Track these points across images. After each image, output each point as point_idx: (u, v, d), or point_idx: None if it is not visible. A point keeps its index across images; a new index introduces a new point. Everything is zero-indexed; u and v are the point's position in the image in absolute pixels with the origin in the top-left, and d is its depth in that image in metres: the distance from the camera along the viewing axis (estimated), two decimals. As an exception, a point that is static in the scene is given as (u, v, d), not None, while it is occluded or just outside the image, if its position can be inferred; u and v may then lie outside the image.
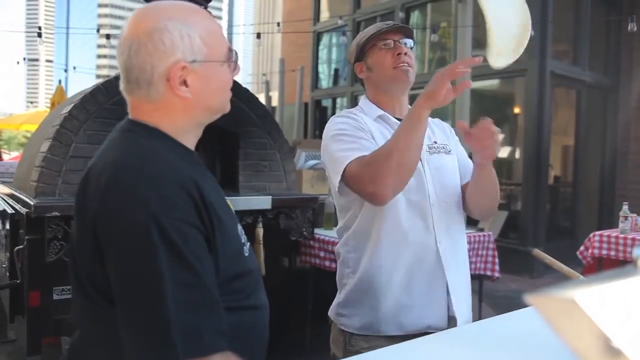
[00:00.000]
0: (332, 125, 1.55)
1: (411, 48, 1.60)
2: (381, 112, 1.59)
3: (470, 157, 1.66)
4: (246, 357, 0.93)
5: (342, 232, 1.61)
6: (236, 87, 3.53)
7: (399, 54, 1.55)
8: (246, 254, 1.05)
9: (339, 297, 1.60)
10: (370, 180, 1.37)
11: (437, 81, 1.34)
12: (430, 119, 1.67)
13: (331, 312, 1.62)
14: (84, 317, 1.00)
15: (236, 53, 1.07)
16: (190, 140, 1.05)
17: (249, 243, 1.08)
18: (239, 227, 1.07)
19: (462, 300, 1.56)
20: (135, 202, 0.87)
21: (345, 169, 1.43)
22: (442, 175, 1.57)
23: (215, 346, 0.87)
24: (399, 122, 1.52)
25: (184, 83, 0.97)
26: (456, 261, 1.56)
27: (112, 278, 0.89)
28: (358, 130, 1.50)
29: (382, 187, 1.37)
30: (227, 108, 1.08)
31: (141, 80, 0.97)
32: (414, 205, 1.51)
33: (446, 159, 1.61)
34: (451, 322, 1.52)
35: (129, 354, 0.87)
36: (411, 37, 1.62)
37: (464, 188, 1.63)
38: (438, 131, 1.68)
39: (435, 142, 1.62)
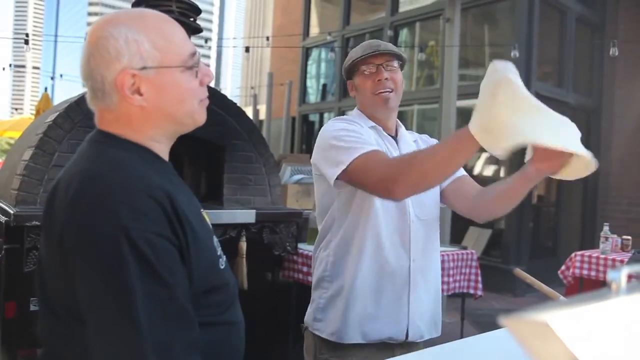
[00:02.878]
0: (333, 126, 1.54)
1: (401, 66, 1.62)
2: (373, 124, 1.62)
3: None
4: None
5: (323, 236, 1.62)
6: (223, 100, 3.53)
7: (379, 80, 1.57)
8: (222, 267, 1.02)
9: (317, 301, 1.60)
10: (392, 179, 1.28)
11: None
12: (419, 135, 1.74)
13: (308, 318, 1.64)
14: (50, 333, 0.96)
15: (198, 57, 0.99)
16: (162, 150, 1.00)
17: (225, 256, 1.06)
18: (215, 239, 1.05)
19: (423, 317, 1.59)
20: (103, 214, 0.85)
21: (351, 162, 1.39)
22: (424, 194, 1.55)
23: (188, 358, 0.86)
24: (388, 136, 1.61)
25: (138, 91, 0.93)
26: (425, 280, 1.60)
27: (80, 292, 0.86)
28: (359, 133, 1.50)
29: (402, 186, 1.28)
30: (199, 118, 1.01)
31: (96, 90, 0.95)
32: (395, 221, 1.55)
33: None
34: (407, 336, 1.57)
35: None
36: (399, 58, 1.62)
37: (455, 191, 1.62)
38: (424, 146, 1.68)
39: None
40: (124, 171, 0.91)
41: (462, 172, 1.64)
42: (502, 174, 7.46)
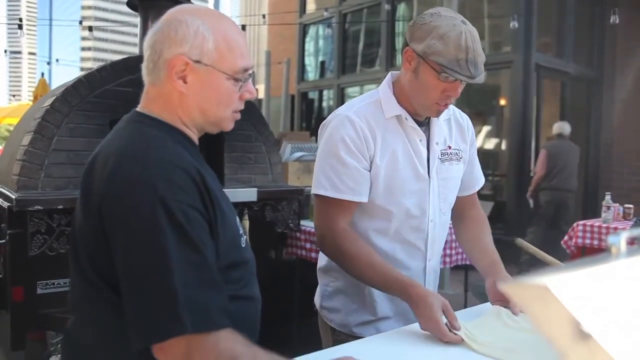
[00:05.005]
0: (336, 136, 1.42)
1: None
2: (399, 111, 1.45)
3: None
4: None
5: None
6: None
7: (449, 95, 1.37)
8: (243, 245, 1.08)
9: (324, 288, 1.59)
10: (322, 242, 1.46)
11: (432, 325, 1.24)
12: (453, 109, 1.59)
13: (316, 301, 1.63)
14: (81, 300, 1.02)
15: (250, 76, 1.06)
16: (191, 135, 1.07)
17: (246, 235, 1.11)
18: (237, 218, 1.10)
19: None
20: (142, 186, 0.90)
21: (323, 194, 1.43)
22: (447, 188, 1.53)
23: (222, 323, 0.90)
24: (415, 127, 1.46)
25: (184, 79, 1.00)
26: (434, 277, 1.59)
27: (118, 259, 0.91)
28: (353, 156, 1.41)
29: (325, 251, 1.48)
30: (226, 125, 1.08)
31: (150, 60, 1.02)
32: (411, 222, 1.48)
33: (455, 169, 1.54)
34: None
35: (135, 330, 0.89)
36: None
37: (464, 201, 1.64)
38: (456, 131, 1.57)
39: (450, 147, 1.53)
40: (159, 148, 0.96)
41: (479, 184, 1.68)
42: (503, 147, 7.44)
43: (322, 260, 1.59)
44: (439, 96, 1.37)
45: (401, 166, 1.44)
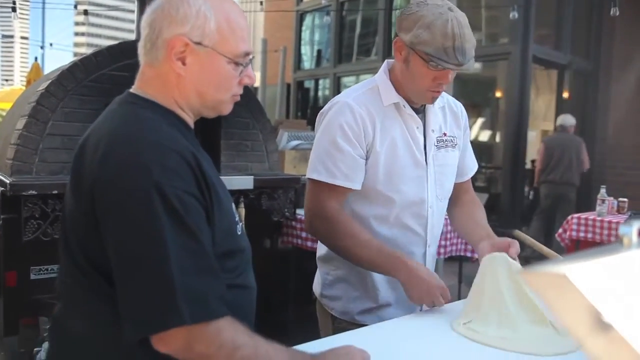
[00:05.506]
0: (334, 123, 1.42)
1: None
2: (397, 99, 1.46)
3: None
4: None
5: None
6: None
7: (440, 83, 1.39)
8: (239, 233, 1.05)
9: (324, 277, 1.58)
10: (312, 225, 1.47)
11: (423, 293, 1.33)
12: (447, 97, 1.61)
13: (316, 289, 1.63)
14: (72, 287, 0.99)
15: (251, 61, 1.04)
16: (186, 119, 1.03)
17: (242, 223, 1.08)
18: (233, 205, 1.07)
19: None
20: (136, 170, 0.87)
21: (312, 179, 1.44)
22: (444, 174, 1.54)
23: (221, 311, 0.88)
24: (413, 114, 1.47)
25: (182, 60, 0.96)
26: (433, 263, 1.60)
27: (110, 246, 0.88)
28: (349, 143, 1.41)
29: (316, 234, 1.48)
30: (224, 109, 1.05)
31: (147, 40, 0.98)
32: (411, 208, 1.49)
33: (450, 155, 1.56)
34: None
35: (128, 320, 0.86)
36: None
37: (458, 187, 1.64)
38: (451, 119, 1.59)
39: (445, 134, 1.54)
40: (153, 131, 0.93)
41: (472, 171, 1.68)
42: (497, 139, 7.45)
43: (322, 249, 1.59)
44: (430, 84, 1.38)
45: (400, 152, 1.45)
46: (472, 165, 1.69)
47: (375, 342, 1.09)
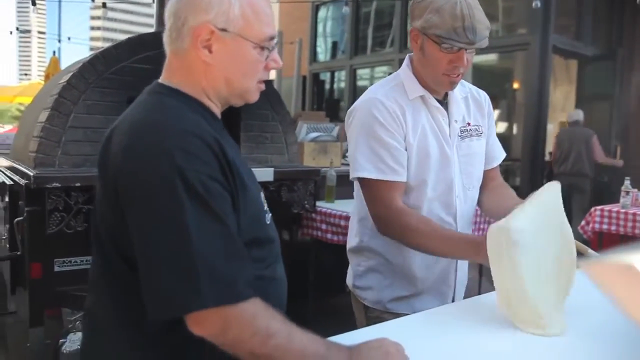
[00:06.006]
0: (370, 117, 1.43)
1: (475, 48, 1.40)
2: (422, 91, 1.48)
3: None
4: None
5: (365, 210, 1.54)
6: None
7: (455, 66, 1.39)
8: (267, 222, 1.05)
9: (355, 268, 1.60)
10: (383, 225, 1.43)
11: None
12: (469, 87, 1.62)
13: (349, 282, 1.64)
14: (99, 277, 1.00)
15: (277, 44, 1.03)
16: (213, 108, 1.03)
17: (270, 214, 1.08)
18: (262, 195, 1.07)
19: (464, 284, 1.61)
20: (158, 156, 0.86)
21: (363, 178, 1.44)
22: (470, 164, 1.54)
23: (248, 293, 0.87)
24: (439, 106, 1.49)
25: (209, 48, 0.96)
26: None
27: (134, 231, 0.88)
28: (391, 136, 1.42)
29: (387, 234, 1.44)
30: (251, 97, 1.04)
31: (173, 30, 0.98)
32: (440, 198, 1.50)
33: (476, 145, 1.56)
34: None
35: (149, 302, 0.86)
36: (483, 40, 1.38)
37: (485, 175, 1.61)
38: (474, 108, 1.59)
39: (469, 124, 1.55)
40: (177, 117, 0.92)
41: (498, 160, 1.66)
42: (514, 131, 7.36)
43: (353, 241, 1.61)
44: (446, 67, 1.40)
45: (430, 142, 1.47)
46: (498, 154, 1.67)
47: (409, 334, 1.08)
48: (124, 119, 0.97)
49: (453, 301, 1.55)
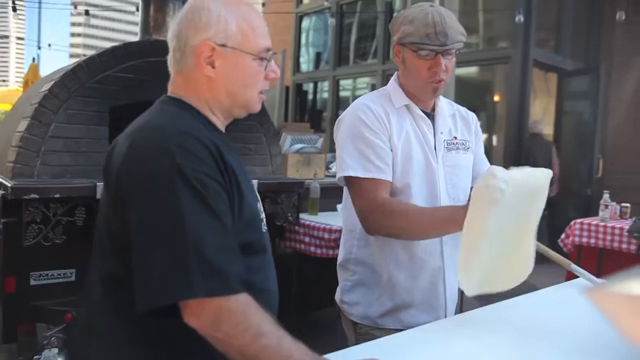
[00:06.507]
0: (356, 119, 1.48)
1: (456, 51, 1.48)
2: (407, 101, 1.54)
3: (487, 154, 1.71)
4: None
5: (351, 220, 1.56)
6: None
7: (435, 71, 1.45)
8: (263, 230, 1.10)
9: (343, 283, 1.60)
10: (367, 218, 1.43)
11: None
12: (457, 107, 1.68)
13: (337, 297, 1.63)
14: (101, 285, 1.02)
15: (274, 55, 1.11)
16: (217, 122, 1.09)
17: (266, 227, 1.13)
18: (259, 204, 1.11)
19: (454, 298, 1.61)
20: (158, 154, 0.92)
21: (349, 177, 1.46)
22: (455, 175, 1.56)
23: (239, 288, 0.90)
24: (423, 115, 1.53)
25: (212, 64, 1.03)
26: (454, 262, 1.55)
27: (131, 225, 0.91)
28: (376, 135, 1.46)
29: (373, 228, 1.43)
30: (254, 106, 1.11)
31: (176, 50, 1.06)
32: (427, 204, 1.49)
33: (462, 158, 1.59)
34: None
35: (139, 290, 0.88)
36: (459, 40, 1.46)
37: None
38: (462, 124, 1.64)
39: (455, 138, 1.60)
40: (177, 121, 0.99)
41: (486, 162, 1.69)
42: (494, 143, 7.43)
43: (341, 255, 1.61)
44: (427, 74, 1.46)
45: (414, 148, 1.50)
46: (484, 168, 1.67)
47: (400, 353, 1.06)
48: (130, 126, 1.04)
49: (445, 317, 1.54)
